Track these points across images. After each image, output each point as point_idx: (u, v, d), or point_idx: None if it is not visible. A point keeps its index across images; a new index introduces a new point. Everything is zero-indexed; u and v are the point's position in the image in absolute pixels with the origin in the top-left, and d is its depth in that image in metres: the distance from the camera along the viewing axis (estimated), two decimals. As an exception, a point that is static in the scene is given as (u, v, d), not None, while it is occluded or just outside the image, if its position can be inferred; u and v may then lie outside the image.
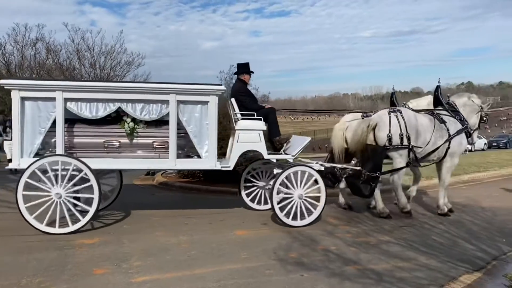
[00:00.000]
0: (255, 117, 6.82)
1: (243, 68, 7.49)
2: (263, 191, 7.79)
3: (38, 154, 6.25)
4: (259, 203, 7.76)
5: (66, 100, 6.11)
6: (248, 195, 7.79)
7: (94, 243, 5.54)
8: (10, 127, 9.63)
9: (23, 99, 6.06)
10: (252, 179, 7.78)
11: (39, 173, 5.92)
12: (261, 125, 6.83)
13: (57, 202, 6.00)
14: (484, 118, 7.94)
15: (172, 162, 6.44)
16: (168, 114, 6.38)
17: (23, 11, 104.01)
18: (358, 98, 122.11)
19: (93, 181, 6.03)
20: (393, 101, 8.14)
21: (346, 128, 7.54)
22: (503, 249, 5.56)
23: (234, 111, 6.94)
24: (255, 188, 7.79)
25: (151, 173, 11.99)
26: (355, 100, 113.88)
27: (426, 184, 10.44)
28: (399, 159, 7.08)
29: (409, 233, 6.29)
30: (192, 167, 7.42)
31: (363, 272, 4.58)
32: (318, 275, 4.47)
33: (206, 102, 6.48)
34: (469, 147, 8.34)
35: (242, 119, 6.85)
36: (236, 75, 7.62)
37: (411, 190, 8.13)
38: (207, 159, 6.55)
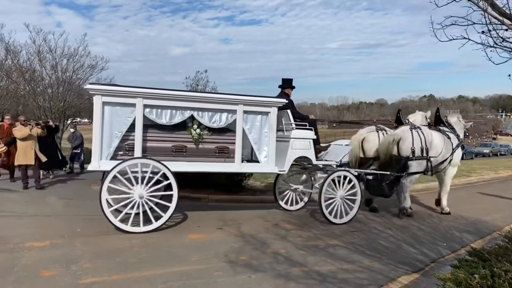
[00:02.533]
0: (307, 127, 7.55)
1: (287, 83, 8.11)
2: (294, 193, 8.64)
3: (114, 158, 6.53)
4: (291, 204, 8.63)
5: (145, 106, 6.44)
6: (282, 198, 8.59)
7: (45, 246, 5.51)
8: None
9: (104, 104, 6.25)
10: (284, 184, 8.63)
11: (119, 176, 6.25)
12: (312, 134, 7.61)
13: (139, 202, 6.34)
14: (467, 134, 9.75)
15: (238, 166, 7.07)
16: (232, 122, 7.03)
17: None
18: (324, 108, 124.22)
19: (173, 183, 6.47)
20: (399, 117, 9.41)
21: (362, 140, 8.55)
22: (442, 252, 5.92)
23: (289, 121, 7.51)
24: (287, 191, 8.59)
25: None
26: (322, 110, 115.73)
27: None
28: (415, 169, 8.20)
29: (357, 237, 6.57)
30: (254, 170, 7.98)
31: (308, 274, 4.78)
32: (264, 276, 4.65)
33: (267, 113, 7.21)
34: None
35: (296, 128, 7.47)
36: (280, 88, 8.14)
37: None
38: (266, 164, 7.24)
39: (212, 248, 5.62)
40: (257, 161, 7.27)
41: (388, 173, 7.95)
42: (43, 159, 10.25)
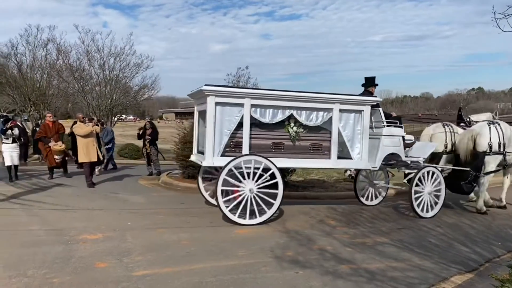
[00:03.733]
0: (397, 124, 7.83)
1: (370, 82, 8.36)
2: (373, 189, 8.85)
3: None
4: (370, 200, 8.83)
5: (251, 106, 6.83)
6: (362, 194, 8.81)
7: (98, 238, 5.74)
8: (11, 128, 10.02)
9: (216, 104, 6.65)
10: (363, 180, 8.90)
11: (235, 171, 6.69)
12: (401, 131, 7.87)
13: (249, 196, 6.67)
14: None
15: (334, 162, 7.39)
16: (327, 120, 7.32)
17: (38, 12, 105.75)
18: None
19: (279, 178, 6.80)
20: (461, 115, 9.59)
21: (431, 136, 8.86)
22: (497, 252, 5.66)
23: (380, 118, 7.80)
24: (366, 187, 8.84)
25: (155, 173, 12.18)
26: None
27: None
28: (492, 164, 8.14)
29: (406, 235, 6.41)
30: (349, 166, 8.30)
31: (356, 271, 4.71)
32: (312, 272, 4.62)
33: (360, 111, 7.45)
34: None
35: (387, 126, 7.74)
36: (363, 87, 8.37)
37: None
38: (359, 160, 7.53)
39: (258, 243, 5.65)
40: (349, 158, 7.53)
41: (468, 169, 7.98)
42: (101, 157, 10.52)
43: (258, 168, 6.70)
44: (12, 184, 9.91)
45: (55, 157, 10.87)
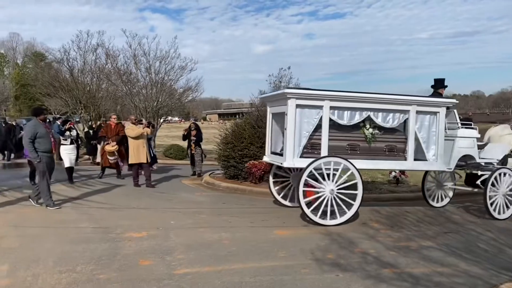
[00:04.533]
0: (471, 126, 7.93)
1: (440, 83, 8.41)
2: (440, 191, 8.76)
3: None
4: (437, 201, 8.70)
5: (330, 108, 6.96)
6: (429, 195, 8.72)
7: (142, 236, 5.92)
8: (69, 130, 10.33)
9: (297, 106, 6.88)
10: (431, 182, 8.81)
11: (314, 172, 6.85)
12: (476, 133, 7.88)
13: (329, 197, 6.76)
14: None
15: (410, 164, 7.44)
16: (402, 122, 7.42)
17: (90, 19, 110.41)
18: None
19: (358, 180, 6.89)
20: None
21: (499, 137, 8.71)
22: (554, 259, 5.32)
23: (454, 120, 7.85)
24: (434, 189, 8.78)
25: (196, 174, 12.35)
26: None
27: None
28: None
29: (453, 239, 6.16)
30: (424, 168, 8.09)
31: (399, 275, 4.58)
32: (353, 276, 4.54)
33: (435, 113, 7.49)
34: None
35: (462, 127, 7.82)
36: (432, 89, 8.45)
37: None
38: (434, 162, 7.56)
39: (298, 245, 5.62)
40: (424, 159, 7.55)
41: None
42: (149, 158, 10.65)
43: (337, 170, 6.77)
44: (66, 184, 10.38)
45: (109, 157, 11.15)
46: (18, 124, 19.66)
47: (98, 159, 14.84)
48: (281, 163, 7.15)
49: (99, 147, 14.67)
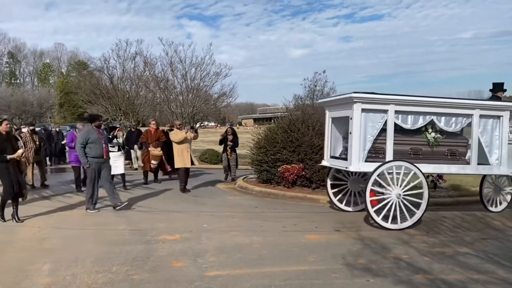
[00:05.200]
0: None
1: (499, 87, 8.52)
2: (497, 195, 8.44)
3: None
4: (495, 206, 8.37)
5: (395, 112, 7.03)
6: (487, 200, 8.42)
7: (176, 239, 6.07)
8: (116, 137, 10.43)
9: (362, 110, 6.99)
10: (489, 186, 8.52)
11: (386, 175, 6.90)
12: None
13: (396, 201, 6.82)
14: None
15: (474, 168, 7.43)
16: (465, 126, 7.44)
17: (130, 27, 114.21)
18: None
19: (424, 184, 6.90)
20: None
21: None
22: None
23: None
24: (491, 193, 8.50)
25: (230, 179, 12.39)
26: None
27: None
28: None
29: (491, 245, 5.94)
30: (488, 172, 7.96)
31: (433, 282, 4.48)
32: (384, 281, 4.48)
33: (499, 117, 7.46)
34: None
35: None
36: (491, 92, 8.59)
37: None
38: (498, 166, 7.52)
39: (329, 250, 5.59)
40: (486, 164, 7.48)
41: None
42: (196, 163, 10.71)
43: (406, 174, 6.80)
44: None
45: (152, 162, 11.38)
46: (61, 130, 20.53)
47: (135, 165, 15.28)
48: (346, 167, 7.17)
49: (132, 152, 15.08)
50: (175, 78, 19.93)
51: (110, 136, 10.31)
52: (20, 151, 7.10)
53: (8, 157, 6.87)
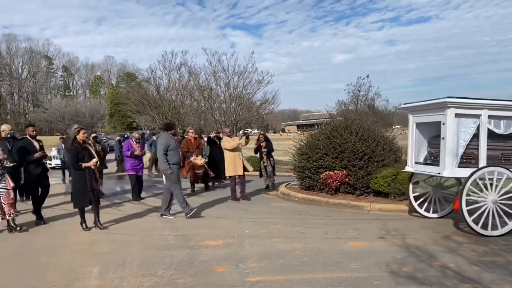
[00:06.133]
0: None
1: None
2: None
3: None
4: None
5: (488, 117, 7.00)
6: None
7: (218, 244, 6.18)
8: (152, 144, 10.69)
9: (455, 115, 7.12)
10: None
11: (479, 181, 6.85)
12: None
13: (492, 207, 6.76)
14: None
15: None
16: None
17: (177, 39, 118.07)
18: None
19: None
20: None
21: None
22: None
23: None
24: None
25: (270, 186, 12.29)
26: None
27: None
28: None
29: (548, 256, 5.61)
30: None
31: (482, 292, 4.30)
32: (429, 290, 4.35)
33: None
34: None
35: None
36: None
37: None
38: None
39: (372, 257, 5.49)
40: None
41: None
42: (249, 168, 10.69)
43: (498, 180, 6.67)
44: (156, 196, 11.10)
45: (196, 171, 11.55)
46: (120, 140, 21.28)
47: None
48: (439, 173, 7.10)
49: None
50: (219, 86, 20.40)
51: None
52: (95, 160, 7.27)
53: (84, 165, 7.06)
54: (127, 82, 52.81)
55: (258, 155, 12.82)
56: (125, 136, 26.36)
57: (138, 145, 10.64)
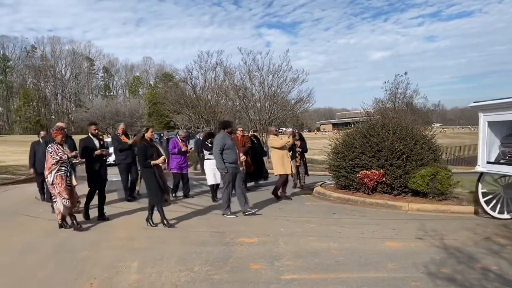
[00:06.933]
0: None
1: None
2: None
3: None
4: None
5: None
6: None
7: (253, 242, 6.23)
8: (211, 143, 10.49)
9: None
10: None
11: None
12: None
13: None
14: None
15: None
16: None
17: (213, 39, 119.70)
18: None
19: None
20: None
21: None
22: None
23: None
24: None
25: (298, 185, 12.17)
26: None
27: None
28: None
29: None
30: None
31: (526, 296, 4.14)
32: (470, 293, 4.23)
33: None
34: None
35: None
36: None
37: None
38: None
39: (409, 258, 5.39)
40: None
41: None
42: (293, 169, 10.57)
43: None
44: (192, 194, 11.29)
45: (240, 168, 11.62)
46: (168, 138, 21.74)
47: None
48: None
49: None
50: (253, 85, 20.51)
51: (208, 143, 10.10)
52: (163, 157, 7.35)
53: (152, 162, 7.20)
54: (165, 82, 54.00)
55: (290, 154, 12.65)
56: (161, 135, 26.94)
57: (183, 143, 10.84)
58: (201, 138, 15.66)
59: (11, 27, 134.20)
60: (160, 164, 7.28)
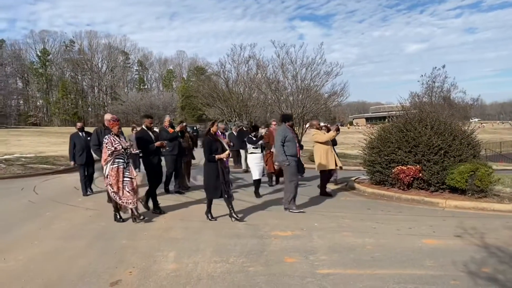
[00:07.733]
0: None
1: None
2: None
3: None
4: None
5: None
6: None
7: (287, 235, 6.25)
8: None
9: None
10: None
11: None
12: None
13: None
14: None
15: None
16: None
17: (245, 32, 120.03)
18: None
19: None
20: None
21: None
22: None
23: None
24: None
25: (334, 180, 11.95)
26: None
27: None
28: None
29: None
30: None
31: None
32: (513, 294, 4.10)
33: None
34: None
35: None
36: None
37: None
38: None
39: (448, 256, 5.26)
40: None
41: None
42: (339, 163, 10.38)
43: None
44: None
45: (275, 164, 11.53)
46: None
47: (243, 166, 15.33)
48: None
49: (242, 153, 15.15)
50: (286, 79, 20.39)
51: (253, 137, 9.81)
52: (227, 152, 7.34)
53: (217, 157, 7.12)
54: (197, 76, 54.55)
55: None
56: (194, 128, 27.26)
57: (223, 136, 10.71)
58: (234, 133, 15.74)
59: (51, 22, 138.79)
60: (224, 159, 7.27)
